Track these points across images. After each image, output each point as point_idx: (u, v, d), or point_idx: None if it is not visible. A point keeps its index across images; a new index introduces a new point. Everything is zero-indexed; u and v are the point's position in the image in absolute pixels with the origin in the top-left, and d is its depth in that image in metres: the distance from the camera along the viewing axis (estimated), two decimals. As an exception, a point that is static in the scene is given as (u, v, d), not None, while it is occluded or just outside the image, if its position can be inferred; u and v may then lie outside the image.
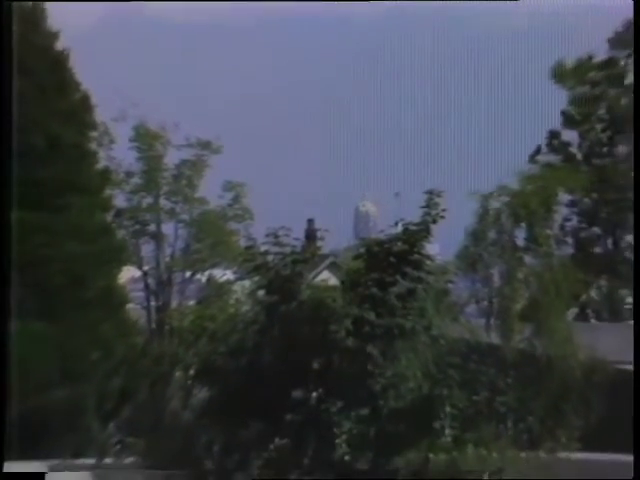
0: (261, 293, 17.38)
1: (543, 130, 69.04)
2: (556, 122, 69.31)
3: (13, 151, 12.92)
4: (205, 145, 56.48)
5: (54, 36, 47.51)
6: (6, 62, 12.69)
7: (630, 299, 68.77)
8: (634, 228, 13.11)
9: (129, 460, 17.55)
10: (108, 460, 17.81)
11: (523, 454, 17.32)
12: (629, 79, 68.29)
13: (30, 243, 43.48)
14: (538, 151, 67.23)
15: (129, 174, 55.43)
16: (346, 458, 15.85)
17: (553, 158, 67.28)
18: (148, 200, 56.01)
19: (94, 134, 51.61)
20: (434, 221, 17.31)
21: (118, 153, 54.81)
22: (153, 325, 52.68)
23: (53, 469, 19.28)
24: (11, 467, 20.01)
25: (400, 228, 17.12)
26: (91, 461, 18.18)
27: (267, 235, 17.75)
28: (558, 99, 69.32)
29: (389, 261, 16.83)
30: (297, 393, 16.18)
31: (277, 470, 15.94)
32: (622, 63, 68.26)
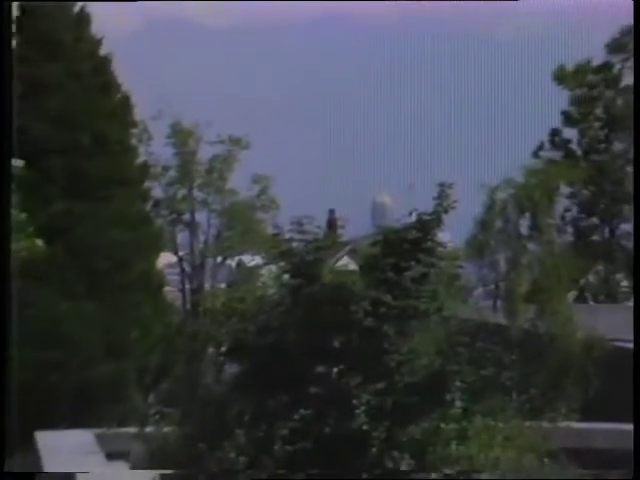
0: (286, 277, 17.37)
1: (545, 128, 69.06)
2: (557, 121, 69.31)
3: (13, 150, 12.00)
4: (235, 141, 56.56)
5: (98, 42, 47.51)
6: (6, 62, 11.92)
7: (625, 282, 68.71)
8: (634, 228, 12.62)
9: (167, 429, 17.42)
10: (149, 428, 17.76)
11: (527, 423, 17.28)
12: (624, 82, 68.40)
13: (78, 231, 43.49)
14: (541, 147, 67.40)
15: (166, 168, 55.56)
16: (364, 427, 15.84)
17: (555, 154, 67.43)
18: (183, 192, 56.18)
19: (134, 131, 51.66)
20: (445, 211, 17.27)
21: (156, 149, 54.93)
22: (188, 306, 52.75)
23: (100, 437, 19.44)
24: (62, 435, 19.99)
25: (414, 218, 17.08)
26: (133, 430, 18.17)
27: (292, 224, 17.74)
28: (559, 100, 69.27)
29: (404, 248, 16.81)
30: (319, 368, 16.17)
31: (301, 438, 15.89)
32: (617, 67, 68.37)
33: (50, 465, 18.06)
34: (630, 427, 20.45)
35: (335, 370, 16.17)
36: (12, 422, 38.98)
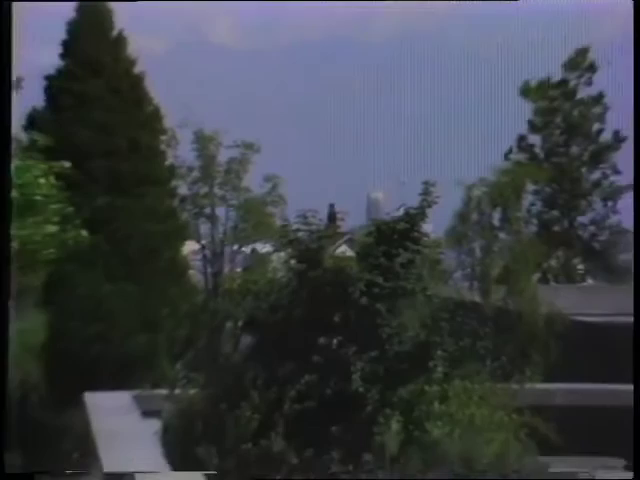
0: (293, 262, 17.39)
1: (514, 135, 69.20)
2: (524, 128, 69.42)
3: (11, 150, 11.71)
4: (248, 146, 56.44)
5: (133, 62, 47.55)
6: (6, 62, 10.91)
7: (581, 266, 68.83)
8: (634, 228, 12.16)
9: (192, 391, 17.43)
10: (177, 391, 17.79)
11: (498, 385, 17.33)
12: (579, 95, 68.66)
13: (117, 223, 43.59)
14: (510, 151, 67.62)
15: (190, 169, 55.50)
16: (360, 390, 15.89)
17: (522, 156, 67.63)
18: (204, 189, 56.09)
19: (163, 138, 51.67)
20: (429, 206, 17.31)
21: (182, 152, 54.97)
22: (209, 287, 52.68)
23: (136, 397, 19.45)
24: (105, 396, 19.94)
25: (402, 211, 17.11)
26: (164, 391, 18.20)
27: (298, 216, 17.76)
28: (525, 111, 69.39)
29: (394, 237, 16.84)
30: (321, 340, 16.17)
31: (306, 399, 15.93)
32: (573, 83, 68.80)
33: (97, 416, 18.13)
34: (583, 387, 20.58)
35: (335, 341, 16.18)
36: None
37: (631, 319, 47.66)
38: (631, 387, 20.50)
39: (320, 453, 15.36)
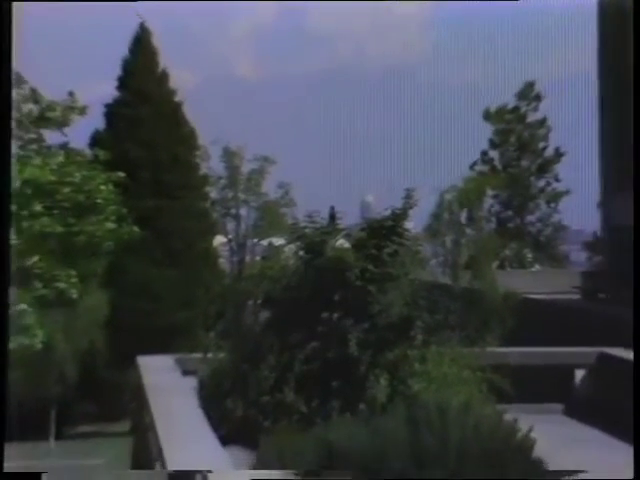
0: (301, 253, 17.33)
1: (478, 150, 69.25)
2: (486, 145, 69.45)
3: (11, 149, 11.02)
4: (265, 159, 56.50)
5: (173, 92, 47.55)
6: (6, 63, 9.79)
7: (530, 255, 68.90)
8: (634, 226, 11.68)
9: (221, 355, 17.38)
10: (209, 355, 17.74)
11: (465, 349, 17.33)
12: (528, 119, 68.83)
13: (161, 221, 43.48)
14: (475, 163, 67.74)
15: (219, 178, 55.64)
16: (355, 354, 15.80)
17: (484, 168, 67.64)
18: (230, 194, 56.15)
19: (198, 153, 51.66)
20: (411, 207, 17.25)
21: (213, 164, 55.09)
22: (235, 272, 52.67)
23: (178, 360, 19.45)
24: (153, 359, 19.90)
25: (389, 212, 17.08)
26: (199, 355, 18.16)
27: (305, 216, 17.73)
28: (487, 131, 69.47)
29: (382, 232, 16.79)
30: (324, 314, 16.11)
31: (312, 361, 15.91)
32: (524, 109, 69.13)
33: (147, 375, 18.16)
34: (531, 350, 20.57)
35: (335, 315, 16.10)
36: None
37: (568, 296, 47.74)
38: (567, 349, 20.61)
39: (324, 403, 15.36)
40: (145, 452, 15.81)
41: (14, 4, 10.98)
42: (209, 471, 10.42)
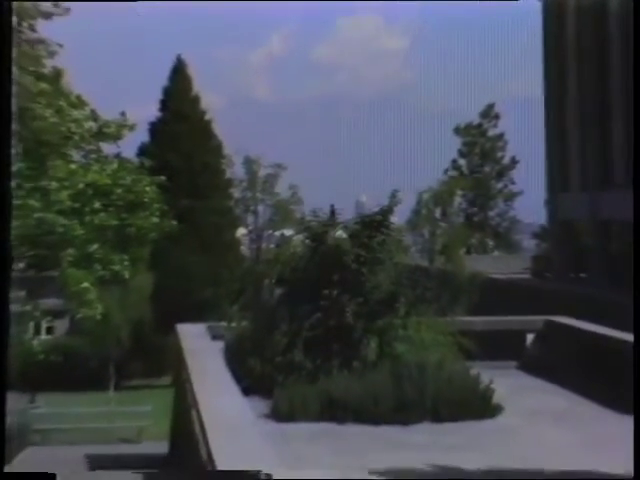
0: (307, 241, 17.25)
1: (449, 159, 69.11)
2: (455, 154, 69.31)
3: (12, 147, 10.58)
4: (278, 166, 56.42)
5: (204, 112, 47.44)
6: (6, 62, 8.58)
7: (491, 243, 69.03)
8: (634, 226, 10.81)
9: (243, 324, 17.26)
10: (233, 324, 17.66)
11: (439, 319, 17.28)
12: (490, 133, 68.92)
13: (195, 216, 43.36)
14: (447, 169, 67.62)
15: (241, 181, 55.59)
16: (351, 322, 15.74)
17: (454, 173, 67.54)
18: (250, 194, 56.09)
19: (224, 160, 51.53)
20: (395, 205, 17.16)
21: (236, 170, 55.05)
22: (254, 257, 52.69)
23: (208, 327, 19.21)
24: (188, 326, 19.90)
25: (378, 209, 17.00)
26: (225, 324, 18.10)
27: (310, 212, 17.69)
28: (457, 143, 69.32)
29: (373, 225, 16.69)
30: (326, 291, 16.03)
31: (317, 328, 15.84)
32: (486, 125, 69.19)
33: (184, 340, 18.06)
34: (492, 318, 20.51)
35: (335, 292, 16.01)
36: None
37: (521, 276, 47.64)
38: (520, 317, 20.57)
39: (326, 362, 15.30)
40: (183, 401, 15.83)
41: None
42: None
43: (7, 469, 20.52)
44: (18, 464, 21.15)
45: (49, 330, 46.47)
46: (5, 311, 8.39)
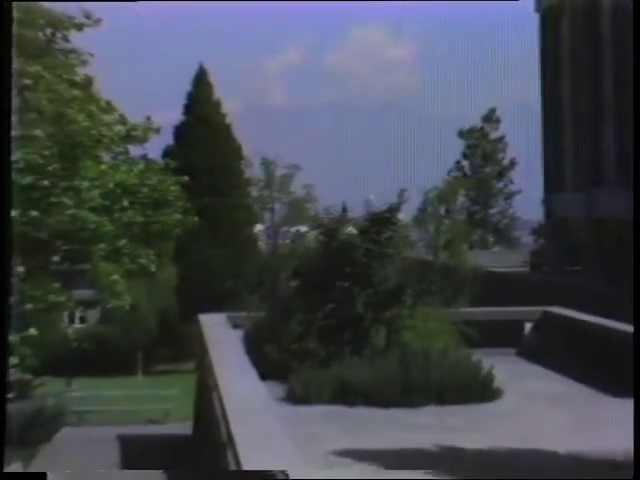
0: (320, 237, 17.23)
1: (453, 160, 69.05)
2: (459, 156, 69.27)
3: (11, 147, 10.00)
4: (294, 166, 56.30)
5: (224, 116, 47.60)
6: (6, 62, 8.05)
7: (492, 239, 69.06)
8: (634, 226, 9.91)
9: (261, 313, 17.23)
10: (252, 313, 17.64)
11: (444, 309, 17.25)
12: (490, 137, 68.94)
13: (216, 213, 43.35)
14: (451, 170, 67.57)
15: (258, 180, 55.74)
16: (361, 312, 15.77)
17: (458, 173, 67.48)
18: (267, 193, 56.05)
19: (243, 162, 51.47)
20: (403, 203, 17.13)
21: (254, 170, 55.01)
22: (271, 252, 52.67)
23: (229, 317, 19.16)
24: (210, 316, 19.89)
25: (386, 207, 16.95)
26: (244, 314, 18.10)
27: (323, 209, 17.69)
28: (461, 145, 69.31)
29: (381, 222, 16.65)
30: (338, 283, 16.05)
31: (329, 317, 15.83)
32: (487, 129, 69.13)
33: (207, 328, 18.04)
34: (492, 309, 20.44)
35: (346, 284, 16.03)
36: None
37: (520, 269, 47.32)
38: (519, 308, 20.49)
39: (338, 349, 15.32)
40: (205, 385, 15.84)
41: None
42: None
43: (47, 448, 20.60)
44: (56, 443, 21.24)
45: (82, 319, 46.65)
46: (5, 311, 7.87)
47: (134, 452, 20.16)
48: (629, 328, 14.44)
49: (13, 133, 16.59)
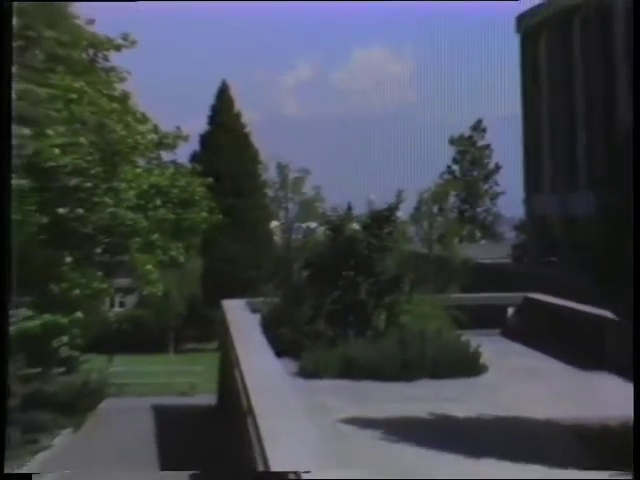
0: (328, 232, 17.21)
1: (444, 164, 68.93)
2: (450, 161, 69.08)
3: (12, 146, 9.29)
4: (305, 171, 56.19)
5: (244, 126, 47.49)
6: (6, 62, 7.35)
7: (478, 234, 68.93)
8: (633, 226, 8.70)
9: (277, 299, 17.17)
10: (268, 299, 17.59)
11: (437, 295, 17.21)
12: (479, 143, 68.83)
13: (237, 212, 43.29)
14: (443, 173, 67.34)
15: (274, 182, 55.53)
16: (364, 298, 15.70)
17: (449, 176, 67.38)
18: (282, 193, 55.96)
19: (260, 166, 51.47)
20: (401, 202, 17.10)
21: (270, 174, 54.92)
22: (285, 245, 52.61)
23: (248, 302, 18.97)
24: (231, 302, 19.83)
25: (386, 206, 16.92)
26: (262, 299, 18.03)
27: (330, 208, 17.70)
28: (451, 151, 69.07)
29: (382, 219, 16.61)
30: (345, 272, 16.00)
31: (336, 303, 15.75)
32: (475, 137, 68.99)
33: (229, 312, 17.94)
34: (480, 295, 20.35)
35: (351, 273, 15.97)
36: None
37: (504, 261, 47.17)
38: (503, 294, 20.42)
39: (344, 331, 15.28)
40: (228, 361, 15.89)
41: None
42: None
43: (90, 417, 20.66)
44: (100, 411, 21.41)
45: (121, 304, 46.91)
46: (5, 311, 7.16)
47: (166, 420, 20.26)
48: (597, 311, 14.50)
49: (60, 140, 16.76)
